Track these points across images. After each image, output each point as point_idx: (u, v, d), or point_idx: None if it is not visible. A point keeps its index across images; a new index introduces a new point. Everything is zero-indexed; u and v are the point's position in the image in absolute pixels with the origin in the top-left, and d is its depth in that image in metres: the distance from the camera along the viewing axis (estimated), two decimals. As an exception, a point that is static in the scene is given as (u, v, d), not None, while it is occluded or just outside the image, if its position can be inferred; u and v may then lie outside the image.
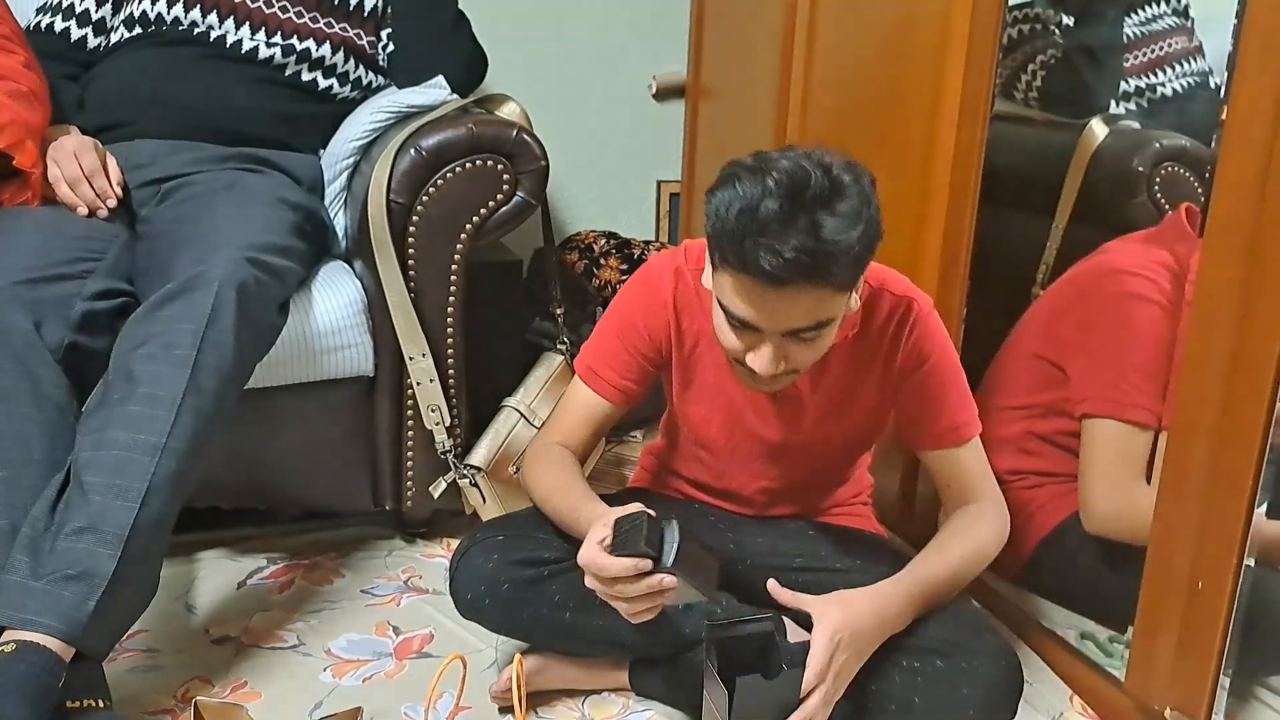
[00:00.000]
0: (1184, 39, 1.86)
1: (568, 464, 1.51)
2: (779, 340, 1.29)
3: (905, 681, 1.38)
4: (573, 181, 2.69)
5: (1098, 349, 1.67)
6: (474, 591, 1.48)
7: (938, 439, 1.51)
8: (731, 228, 1.22)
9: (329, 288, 1.80)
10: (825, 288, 1.24)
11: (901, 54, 1.90)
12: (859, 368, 1.49)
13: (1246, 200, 1.27)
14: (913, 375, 1.48)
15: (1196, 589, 1.37)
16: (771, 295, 1.23)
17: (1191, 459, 1.37)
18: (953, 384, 1.50)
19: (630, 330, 1.53)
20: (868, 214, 1.24)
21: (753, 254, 1.20)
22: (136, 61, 1.96)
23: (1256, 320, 1.27)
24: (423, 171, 1.77)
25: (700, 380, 1.54)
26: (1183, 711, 1.41)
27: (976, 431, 1.52)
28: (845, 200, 1.22)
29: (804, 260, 1.19)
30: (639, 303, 1.53)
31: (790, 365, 1.32)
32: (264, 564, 1.87)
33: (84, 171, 1.70)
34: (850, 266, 1.23)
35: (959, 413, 1.50)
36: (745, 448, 1.56)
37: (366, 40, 2.08)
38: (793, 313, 1.26)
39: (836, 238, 1.20)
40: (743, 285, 1.25)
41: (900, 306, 1.47)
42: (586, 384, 1.55)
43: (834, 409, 1.52)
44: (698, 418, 1.57)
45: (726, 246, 1.23)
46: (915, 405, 1.50)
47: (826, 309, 1.27)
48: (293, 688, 1.55)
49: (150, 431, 1.39)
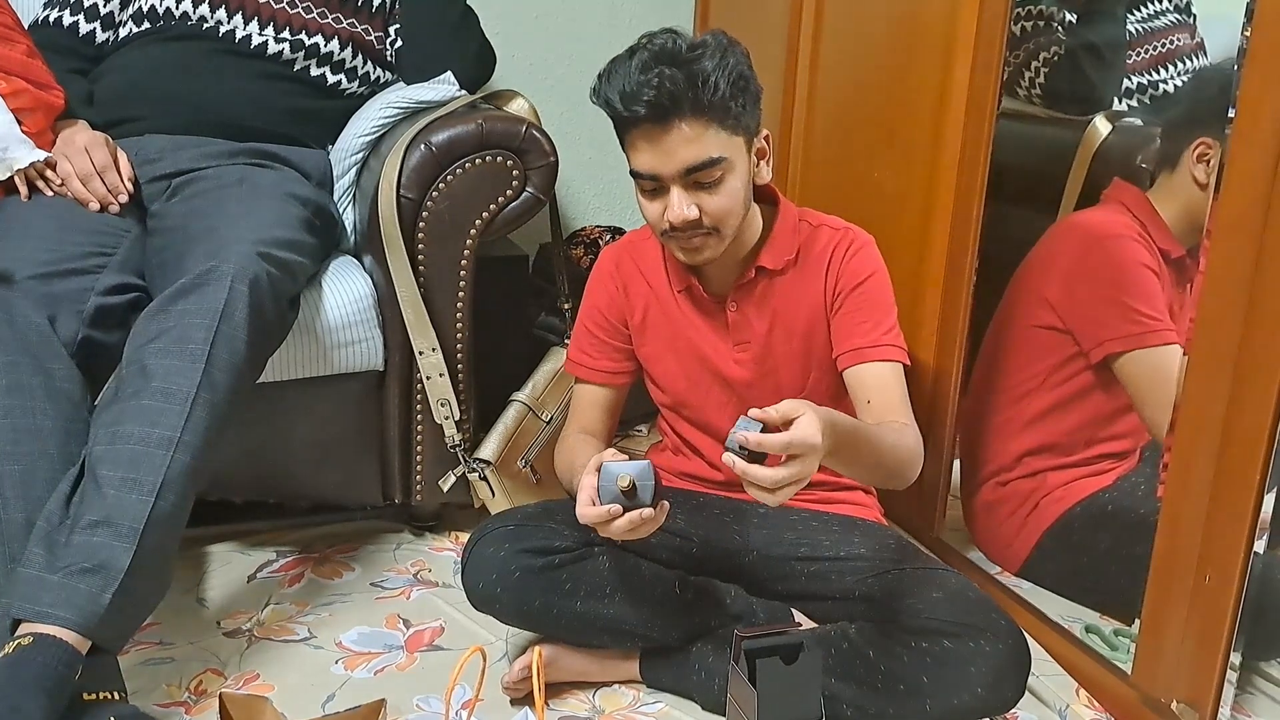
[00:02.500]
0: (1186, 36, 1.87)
1: (582, 442, 1.61)
2: (683, 185, 1.42)
3: (913, 661, 1.40)
4: (577, 176, 2.69)
5: (1095, 295, 1.72)
6: (485, 580, 1.50)
7: (863, 354, 1.53)
8: (608, 88, 1.41)
9: (339, 283, 1.80)
10: (701, 117, 1.38)
11: (908, 48, 1.91)
12: (803, 292, 1.57)
13: (1254, 197, 1.28)
14: (851, 292, 1.55)
15: (1204, 581, 1.38)
16: (659, 134, 1.39)
17: (1199, 451, 1.38)
18: (884, 307, 1.55)
19: (593, 315, 1.67)
20: (732, 57, 1.40)
21: (631, 95, 1.37)
22: (145, 57, 1.97)
23: (1264, 314, 1.28)
24: (432, 167, 1.78)
25: (654, 337, 1.64)
26: (1189, 704, 1.42)
27: (901, 360, 1.53)
28: (705, 49, 1.40)
29: (669, 85, 1.36)
30: (594, 288, 1.68)
31: (704, 213, 1.43)
32: (274, 557, 1.88)
33: (95, 167, 1.71)
34: (718, 93, 1.38)
35: (887, 333, 1.54)
36: (715, 395, 1.62)
37: (375, 36, 2.09)
38: (681, 148, 1.39)
39: (700, 64, 1.37)
40: (637, 138, 1.42)
41: (840, 237, 1.58)
42: (575, 375, 1.69)
43: (784, 334, 1.58)
44: (663, 374, 1.64)
45: (613, 104, 1.40)
46: (846, 321, 1.55)
47: (713, 144, 1.40)
48: (305, 680, 1.56)
49: (164, 426, 1.40)
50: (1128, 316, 1.67)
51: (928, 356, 1.88)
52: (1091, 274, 1.71)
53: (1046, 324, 1.75)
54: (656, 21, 2.65)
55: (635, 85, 1.37)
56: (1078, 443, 1.77)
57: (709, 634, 1.52)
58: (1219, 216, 1.34)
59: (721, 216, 1.45)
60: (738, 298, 1.57)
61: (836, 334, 1.56)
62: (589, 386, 1.67)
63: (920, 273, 1.89)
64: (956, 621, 1.40)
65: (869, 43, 2.03)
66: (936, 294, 1.85)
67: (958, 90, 1.79)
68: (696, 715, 1.52)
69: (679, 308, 1.61)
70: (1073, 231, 1.77)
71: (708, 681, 1.50)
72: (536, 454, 1.91)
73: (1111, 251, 1.68)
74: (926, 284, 1.87)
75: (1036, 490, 1.78)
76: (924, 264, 1.88)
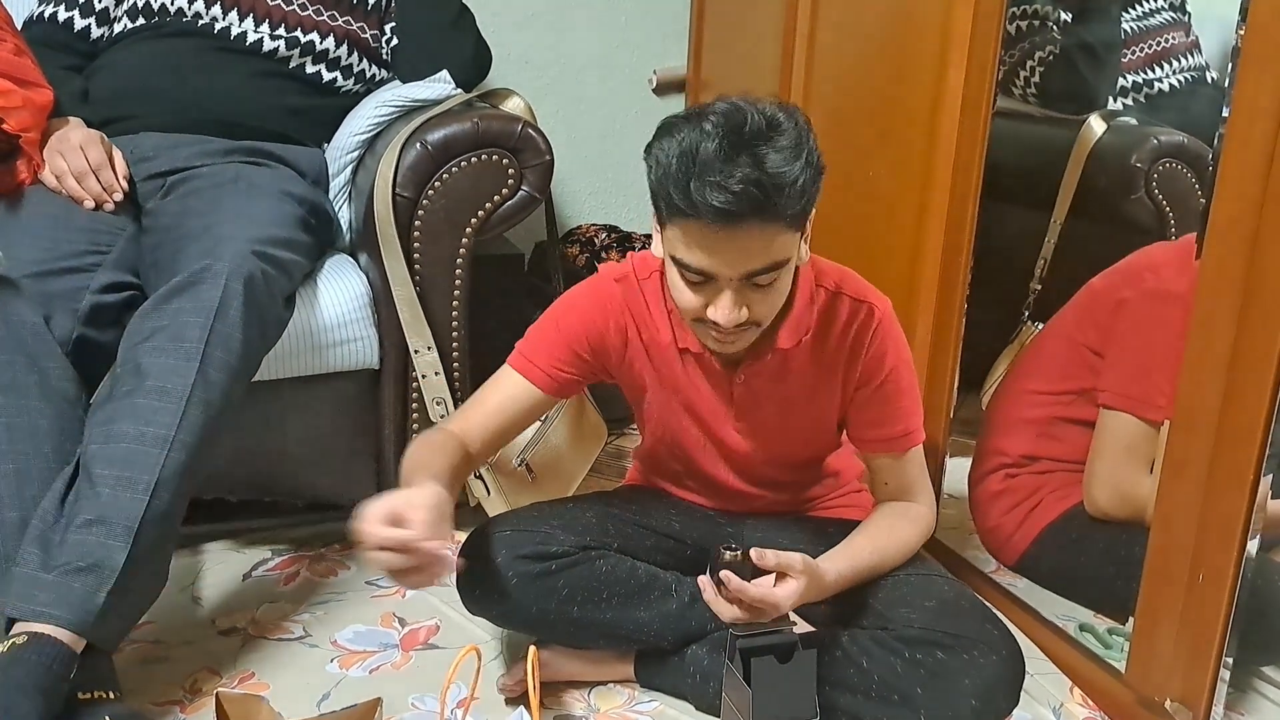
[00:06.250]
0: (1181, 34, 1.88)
1: (444, 446, 1.45)
2: (737, 287, 1.29)
3: (907, 673, 1.39)
4: (573, 175, 2.69)
5: (1129, 341, 1.69)
6: (481, 588, 1.49)
7: (886, 445, 1.53)
8: (675, 173, 1.23)
9: (334, 281, 1.80)
10: (775, 223, 1.25)
11: (903, 47, 1.91)
12: (819, 372, 1.49)
13: (1248, 196, 1.29)
14: (875, 389, 1.50)
15: (1197, 581, 1.38)
16: (724, 237, 1.24)
17: (1193, 451, 1.38)
18: (908, 393, 1.52)
19: (573, 330, 1.51)
20: (807, 146, 1.26)
21: (700, 194, 1.21)
22: (140, 54, 1.97)
23: (1258, 313, 1.29)
24: (428, 166, 1.78)
25: (659, 386, 1.54)
26: (1183, 703, 1.42)
27: (921, 440, 1.54)
28: (783, 135, 1.24)
29: (752, 192, 1.20)
30: (586, 305, 1.52)
31: (751, 315, 1.32)
32: (269, 556, 1.88)
33: (90, 165, 1.70)
34: (797, 199, 1.24)
35: (910, 420, 1.52)
36: (708, 451, 1.57)
37: (370, 34, 2.09)
38: (747, 253, 1.26)
39: (781, 169, 1.22)
40: (694, 232, 1.26)
41: (860, 311, 1.47)
42: (516, 370, 1.52)
43: (791, 416, 1.53)
44: (662, 416, 1.57)
45: (673, 193, 1.24)
46: (869, 411, 1.52)
47: (779, 248, 1.28)
48: (300, 678, 1.56)
49: (159, 424, 1.40)
50: (1138, 379, 1.66)
51: (922, 357, 1.88)
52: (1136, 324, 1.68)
53: (1091, 345, 1.74)
54: (652, 21, 2.69)
55: (708, 184, 1.20)
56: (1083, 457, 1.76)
57: (704, 635, 1.52)
58: (1214, 216, 1.34)
59: (768, 314, 1.36)
60: (748, 373, 1.48)
61: (856, 421, 1.53)
62: (519, 381, 1.51)
63: (914, 272, 1.88)
64: (951, 632, 1.39)
65: (864, 42, 2.03)
66: (931, 294, 1.86)
67: (953, 89, 1.79)
68: (691, 715, 1.52)
69: (682, 366, 1.51)
70: (1145, 274, 1.69)
71: (702, 681, 1.50)
72: (532, 453, 1.91)
73: (1162, 310, 1.62)
74: (921, 284, 1.87)
75: (1042, 487, 1.78)
76: (918, 263, 1.88)
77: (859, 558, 1.46)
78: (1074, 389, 1.76)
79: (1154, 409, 1.62)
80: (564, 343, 1.51)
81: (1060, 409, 1.77)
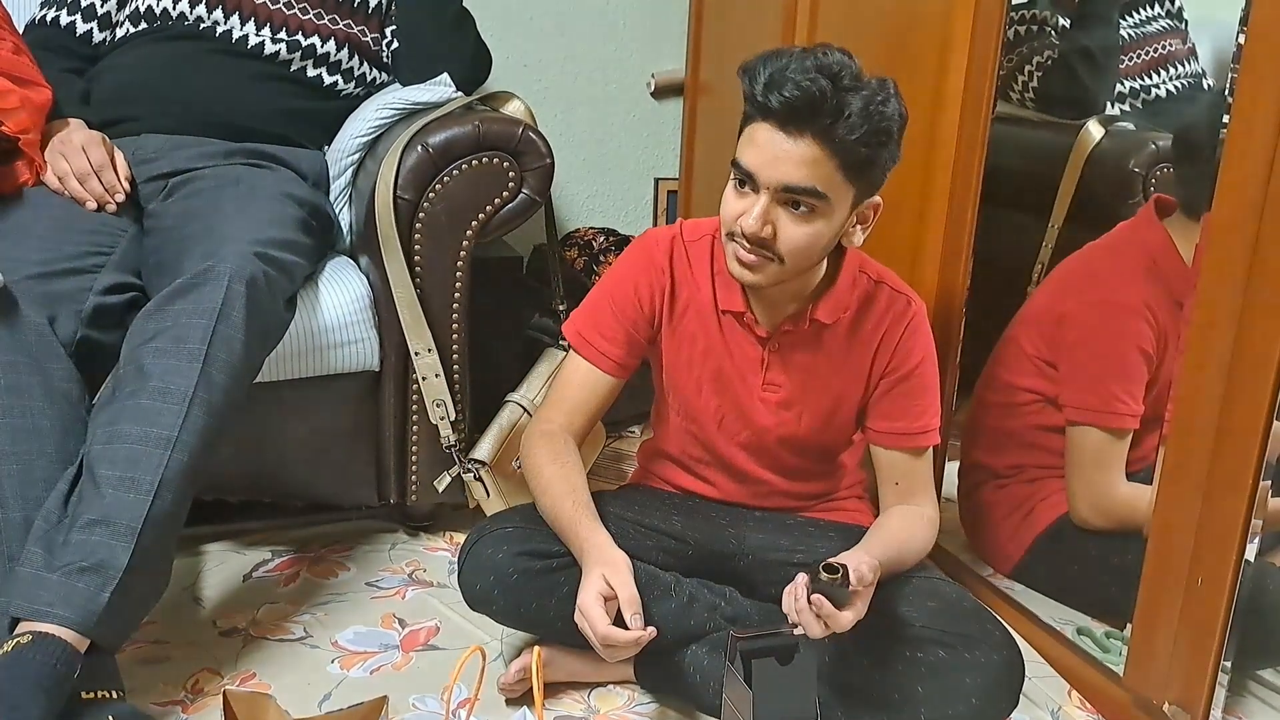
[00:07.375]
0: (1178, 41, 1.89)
1: (571, 458, 1.52)
2: (770, 202, 1.35)
3: (908, 671, 1.40)
4: (571, 178, 2.70)
5: (1078, 354, 1.73)
6: (482, 582, 1.50)
7: (902, 439, 1.55)
8: (757, 67, 1.33)
9: (335, 283, 1.81)
10: (828, 145, 1.32)
11: (903, 51, 1.92)
12: (850, 353, 1.54)
13: (1248, 201, 1.29)
14: (900, 380, 1.53)
15: (1196, 584, 1.39)
16: (778, 140, 1.32)
17: (1191, 455, 1.39)
18: (930, 391, 1.55)
19: (625, 297, 1.56)
20: (884, 111, 1.33)
21: (773, 83, 1.31)
22: (142, 57, 1.97)
23: (1257, 318, 1.29)
24: (429, 168, 1.78)
25: (690, 349, 1.57)
26: (1182, 706, 1.43)
27: (937, 442, 1.56)
28: (866, 88, 1.33)
29: (814, 94, 1.29)
30: (634, 267, 1.57)
31: (775, 240, 1.37)
32: (270, 557, 1.88)
33: (92, 166, 1.71)
34: (856, 130, 1.31)
35: (929, 419, 1.55)
36: (729, 424, 1.59)
37: (371, 37, 2.09)
38: (791, 163, 1.33)
39: (849, 99, 1.31)
40: (756, 133, 1.35)
41: (898, 302, 1.53)
42: (580, 353, 1.57)
43: (817, 391, 1.55)
44: (687, 386, 1.59)
45: (755, 83, 1.33)
46: (890, 404, 1.54)
47: (824, 177, 1.34)
48: (301, 679, 1.56)
49: (162, 425, 1.40)
50: (1095, 389, 1.70)
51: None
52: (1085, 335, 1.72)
53: (1045, 357, 1.76)
54: (652, 23, 2.70)
55: (783, 77, 1.30)
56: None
57: (704, 636, 1.52)
58: (1214, 220, 1.35)
59: (792, 251, 1.38)
60: (782, 341, 1.53)
61: (875, 411, 1.56)
62: (587, 367, 1.56)
63: (914, 277, 1.89)
64: (951, 632, 1.40)
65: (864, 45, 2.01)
66: (930, 298, 1.86)
67: (953, 93, 1.79)
68: (691, 716, 1.53)
69: (719, 327, 1.55)
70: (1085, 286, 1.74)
71: (703, 682, 1.50)
72: (532, 455, 1.91)
73: (1108, 320, 1.69)
74: (921, 287, 1.87)
75: (1032, 495, 1.79)
76: (918, 268, 1.89)
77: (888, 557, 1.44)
78: (1039, 397, 1.78)
79: (1115, 416, 1.66)
80: (616, 319, 1.56)
81: (1033, 417, 1.79)
